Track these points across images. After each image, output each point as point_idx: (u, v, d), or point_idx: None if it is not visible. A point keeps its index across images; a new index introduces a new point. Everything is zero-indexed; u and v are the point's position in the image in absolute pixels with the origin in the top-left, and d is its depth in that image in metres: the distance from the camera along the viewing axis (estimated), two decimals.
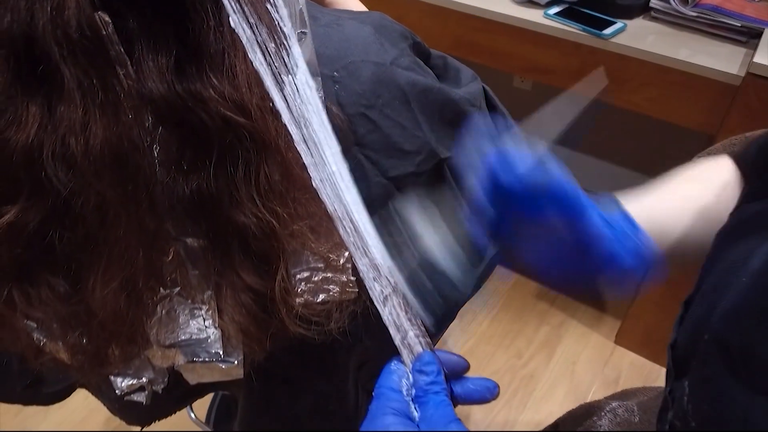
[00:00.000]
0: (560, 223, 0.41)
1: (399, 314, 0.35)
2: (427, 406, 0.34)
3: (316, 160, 0.35)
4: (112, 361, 0.43)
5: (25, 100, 0.35)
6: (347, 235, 0.35)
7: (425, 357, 0.36)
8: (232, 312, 0.44)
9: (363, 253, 0.35)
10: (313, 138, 0.35)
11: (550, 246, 0.43)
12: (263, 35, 0.34)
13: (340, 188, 0.35)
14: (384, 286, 0.35)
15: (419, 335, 0.35)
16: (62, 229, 0.38)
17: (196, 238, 0.43)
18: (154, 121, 0.38)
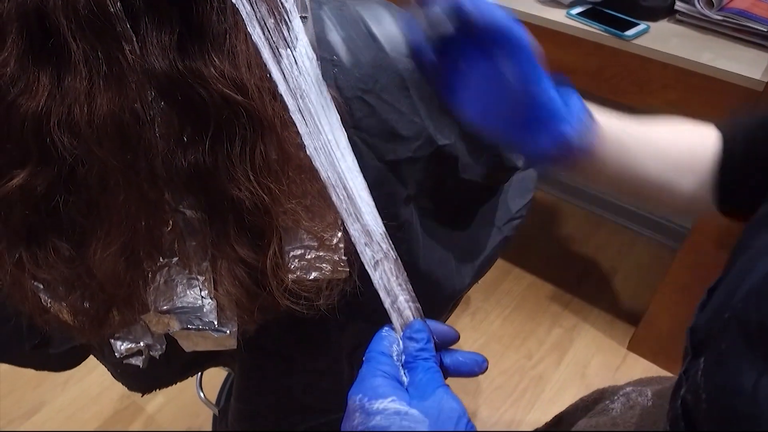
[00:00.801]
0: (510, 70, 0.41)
1: (390, 279, 0.36)
2: (416, 371, 0.35)
3: (310, 129, 0.36)
4: (111, 324, 0.46)
5: (37, 71, 0.37)
6: (340, 201, 0.36)
7: (416, 325, 0.37)
8: (227, 283, 0.46)
9: (355, 219, 0.36)
10: (309, 108, 0.36)
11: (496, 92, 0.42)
12: (262, 11, 0.35)
13: (334, 156, 0.36)
14: (375, 251, 0.36)
15: (409, 300, 0.36)
16: (67, 194, 0.40)
17: (194, 210, 0.45)
18: (156, 96, 0.40)
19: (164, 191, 0.43)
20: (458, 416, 0.33)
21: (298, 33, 0.37)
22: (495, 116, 0.43)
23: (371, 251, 0.36)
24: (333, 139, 0.36)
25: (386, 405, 0.33)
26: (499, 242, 0.70)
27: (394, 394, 0.33)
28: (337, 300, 0.49)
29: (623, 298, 1.79)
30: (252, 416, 0.63)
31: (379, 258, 0.36)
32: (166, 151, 0.41)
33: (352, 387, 0.35)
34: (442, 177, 0.57)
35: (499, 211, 0.70)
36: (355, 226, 0.36)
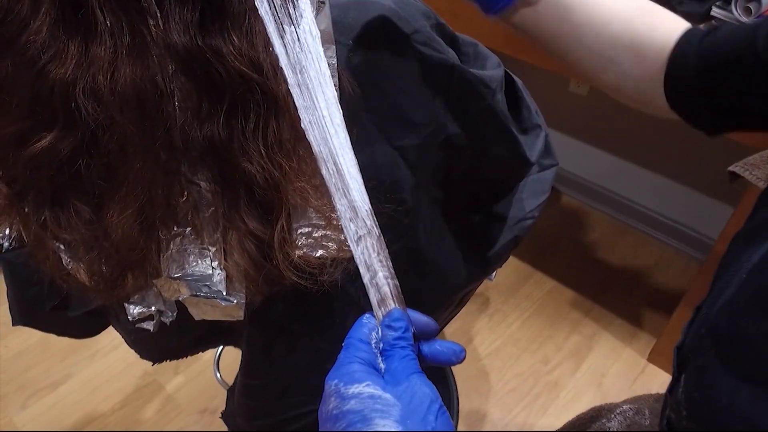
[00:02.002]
0: None
1: (371, 255, 0.37)
2: (393, 359, 0.36)
3: (306, 104, 0.38)
4: (124, 286, 0.48)
5: (66, 40, 0.39)
6: (329, 176, 0.37)
7: (395, 313, 0.37)
8: (236, 255, 0.48)
9: (342, 194, 0.37)
10: (307, 83, 0.38)
11: None
12: None
13: (327, 131, 0.37)
14: (359, 227, 0.37)
15: (388, 277, 0.37)
16: (89, 158, 0.43)
17: (208, 182, 0.47)
18: (176, 69, 0.42)
19: (181, 162, 0.45)
20: (430, 401, 0.33)
21: (304, 11, 0.39)
22: None
23: (355, 226, 0.37)
24: (328, 115, 0.38)
25: (361, 389, 0.34)
26: (509, 240, 0.70)
27: (369, 379, 0.34)
28: (341, 279, 0.50)
29: (646, 308, 1.76)
30: (257, 392, 0.64)
31: (362, 233, 0.37)
32: (183, 123, 0.43)
33: (329, 372, 0.36)
34: (451, 166, 0.58)
35: (512, 210, 0.71)
36: (342, 201, 0.37)
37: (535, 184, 0.72)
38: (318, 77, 0.38)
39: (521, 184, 0.72)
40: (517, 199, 0.71)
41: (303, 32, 0.38)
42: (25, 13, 0.38)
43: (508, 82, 0.66)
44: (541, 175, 0.71)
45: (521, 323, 1.72)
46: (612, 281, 1.85)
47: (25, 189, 0.46)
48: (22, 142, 0.42)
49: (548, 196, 0.71)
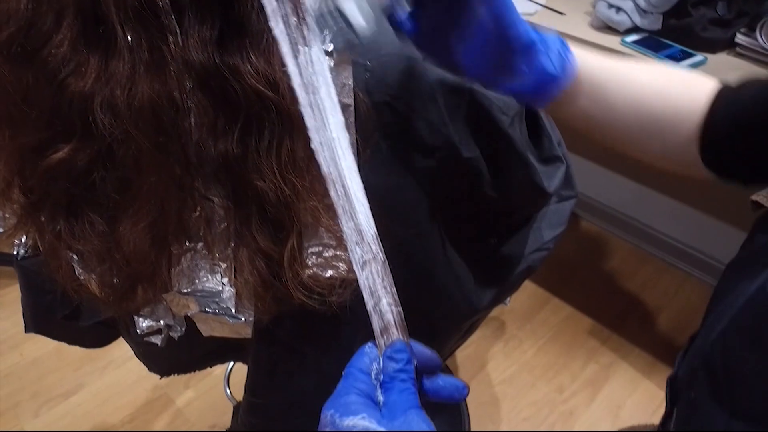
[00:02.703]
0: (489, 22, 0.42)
1: (375, 281, 0.36)
2: (392, 392, 0.35)
3: (317, 125, 0.38)
4: (134, 299, 0.48)
5: (87, 54, 0.40)
6: (338, 197, 0.37)
7: (397, 345, 0.36)
8: (246, 272, 0.48)
9: (350, 217, 0.37)
10: (319, 104, 0.38)
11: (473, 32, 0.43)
12: (287, 9, 0.37)
13: (336, 153, 0.37)
14: (365, 251, 0.37)
15: (392, 304, 0.36)
16: (104, 171, 0.43)
17: (221, 198, 0.47)
18: (194, 86, 0.42)
19: (195, 177, 0.46)
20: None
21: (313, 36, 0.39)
22: (475, 55, 0.45)
23: (361, 251, 0.37)
24: (337, 137, 0.38)
25: (356, 422, 0.33)
26: (522, 271, 0.69)
27: (366, 411, 0.33)
28: (350, 300, 0.50)
29: (667, 339, 1.71)
30: (261, 411, 0.64)
31: (367, 258, 0.36)
32: (198, 139, 0.43)
33: (327, 401, 0.35)
34: (466, 190, 0.57)
35: (528, 240, 0.70)
36: (349, 224, 0.37)
37: (553, 216, 0.71)
38: (328, 99, 0.38)
39: (539, 215, 0.71)
40: (534, 229, 0.69)
41: (315, 54, 0.38)
42: (47, 26, 0.39)
43: (530, 111, 0.65)
44: (560, 206, 0.70)
45: (537, 350, 1.68)
46: (631, 309, 1.81)
47: (41, 199, 0.46)
48: (40, 153, 0.43)
49: (565, 229, 0.70)
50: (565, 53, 0.44)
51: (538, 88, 0.44)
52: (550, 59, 0.43)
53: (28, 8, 0.39)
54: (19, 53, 0.40)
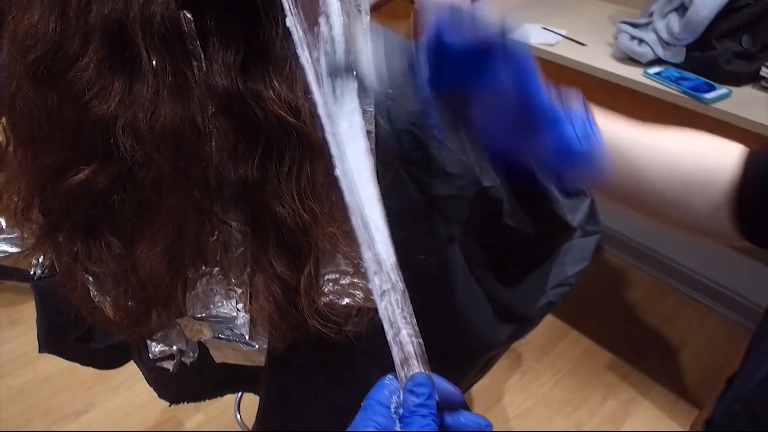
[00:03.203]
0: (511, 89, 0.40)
1: (395, 311, 0.35)
2: (411, 426, 0.33)
3: (340, 154, 0.37)
4: (148, 323, 0.48)
5: (112, 77, 0.40)
6: (357, 227, 0.36)
7: (418, 378, 0.35)
8: (261, 298, 0.47)
9: (368, 247, 0.36)
10: (340, 134, 0.37)
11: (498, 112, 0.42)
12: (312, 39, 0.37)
13: (355, 183, 0.37)
14: (384, 281, 0.36)
15: (412, 335, 0.35)
16: (124, 193, 0.43)
17: (239, 223, 0.46)
18: (216, 111, 0.42)
19: (214, 201, 0.45)
20: None
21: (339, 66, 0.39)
22: (498, 127, 0.43)
23: (379, 280, 0.36)
24: (357, 167, 0.37)
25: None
26: (543, 306, 0.68)
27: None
28: (366, 329, 0.48)
29: (689, 376, 1.66)
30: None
31: (386, 288, 0.36)
32: (218, 163, 0.43)
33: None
34: (486, 220, 0.56)
35: (551, 274, 0.68)
36: (368, 254, 0.36)
37: (577, 250, 0.70)
38: (351, 130, 0.38)
39: (562, 249, 0.69)
40: (557, 264, 0.68)
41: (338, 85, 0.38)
42: (74, 50, 0.39)
43: None
44: (584, 241, 0.69)
45: (554, 383, 1.64)
46: (652, 344, 1.76)
47: (60, 220, 0.46)
48: (62, 174, 0.43)
49: (588, 264, 0.68)
50: (591, 127, 0.42)
51: (562, 163, 0.43)
52: (574, 133, 0.42)
53: (56, 31, 0.39)
54: (45, 75, 0.40)
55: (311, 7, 0.38)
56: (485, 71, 0.41)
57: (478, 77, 0.41)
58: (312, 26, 0.38)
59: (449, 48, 0.40)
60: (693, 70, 1.24)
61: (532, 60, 0.41)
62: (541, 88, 0.41)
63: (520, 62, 0.40)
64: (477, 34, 0.39)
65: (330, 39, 0.38)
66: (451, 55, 0.40)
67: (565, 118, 0.41)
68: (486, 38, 0.39)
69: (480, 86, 0.41)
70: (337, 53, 0.38)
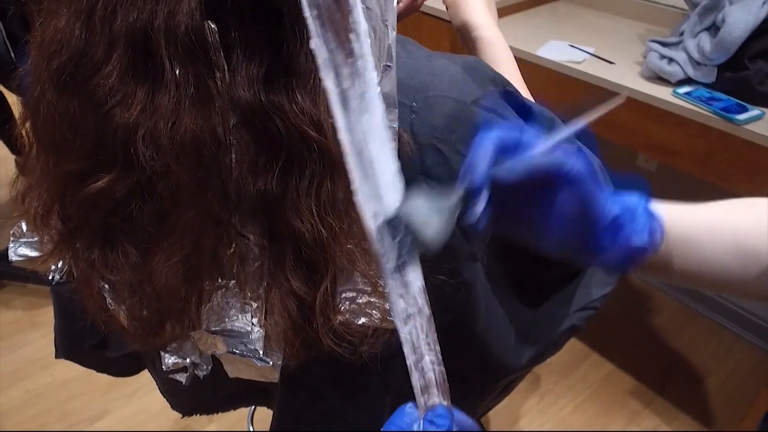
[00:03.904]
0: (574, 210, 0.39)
1: (419, 336, 0.34)
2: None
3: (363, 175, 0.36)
4: (161, 334, 0.47)
5: (134, 86, 0.40)
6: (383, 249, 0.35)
7: (438, 409, 0.35)
8: (276, 314, 0.46)
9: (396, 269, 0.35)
10: (366, 156, 0.36)
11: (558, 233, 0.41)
12: (339, 59, 0.36)
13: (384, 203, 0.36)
14: (410, 305, 0.35)
15: (435, 362, 0.34)
16: (142, 203, 0.42)
17: (257, 236, 0.46)
18: (237, 123, 0.41)
19: (232, 214, 0.45)
20: None
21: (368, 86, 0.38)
22: (553, 235, 0.42)
23: (405, 304, 0.35)
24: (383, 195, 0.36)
25: None
26: (566, 329, 0.65)
27: None
28: (381, 351, 0.47)
29: (715, 405, 1.60)
30: None
31: (412, 312, 0.35)
32: (238, 175, 0.42)
33: None
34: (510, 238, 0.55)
35: (575, 297, 0.66)
36: (395, 275, 0.35)
37: (603, 273, 0.67)
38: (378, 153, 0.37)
39: (587, 271, 0.67)
40: (581, 286, 0.66)
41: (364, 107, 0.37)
42: (98, 57, 0.39)
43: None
44: None
45: (574, 408, 1.60)
46: (677, 371, 1.71)
47: (78, 227, 0.46)
48: (81, 181, 0.43)
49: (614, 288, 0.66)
50: (651, 221, 0.41)
51: (624, 261, 0.41)
52: (636, 231, 0.40)
53: (80, 38, 0.39)
54: (68, 81, 0.40)
55: (342, 24, 0.37)
56: (546, 199, 0.40)
57: (539, 205, 0.40)
58: (343, 43, 0.37)
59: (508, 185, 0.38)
60: (724, 90, 1.21)
61: (593, 172, 0.39)
62: (602, 193, 0.40)
63: (581, 182, 0.39)
64: (535, 164, 0.38)
65: (360, 55, 0.38)
66: (510, 192, 0.39)
67: (624, 216, 0.40)
68: (545, 166, 0.38)
69: (540, 214, 0.41)
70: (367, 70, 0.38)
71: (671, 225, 0.42)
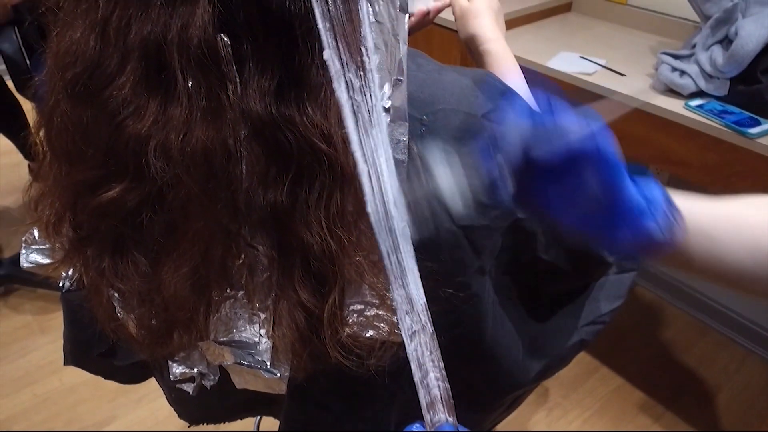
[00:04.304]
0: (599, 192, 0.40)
1: (423, 353, 0.34)
2: None
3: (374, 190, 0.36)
4: (169, 344, 0.47)
5: (147, 98, 0.40)
6: (390, 264, 0.35)
7: (445, 427, 0.34)
8: (284, 325, 0.46)
9: (400, 285, 0.35)
10: (377, 170, 0.37)
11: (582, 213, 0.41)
12: (351, 72, 0.37)
13: (393, 219, 0.36)
14: (414, 321, 0.35)
15: (439, 379, 0.34)
16: (153, 213, 0.43)
17: (266, 247, 0.46)
18: (248, 135, 0.42)
19: (242, 225, 0.45)
20: None
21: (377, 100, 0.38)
22: (575, 219, 0.42)
23: (410, 320, 0.35)
24: (392, 200, 0.36)
25: None
26: (575, 344, 0.65)
27: None
28: (388, 364, 0.47)
29: (725, 420, 1.58)
30: None
31: (416, 329, 0.35)
32: (248, 187, 0.42)
33: None
34: (518, 252, 0.54)
35: (584, 311, 0.66)
36: (400, 291, 0.35)
37: (612, 287, 0.67)
38: (387, 165, 0.37)
39: (597, 285, 0.66)
40: (590, 300, 0.65)
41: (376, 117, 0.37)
42: (112, 68, 0.40)
43: None
44: (620, 278, 0.66)
45: (582, 422, 1.58)
46: (687, 386, 1.68)
47: (89, 235, 0.46)
48: (93, 191, 0.43)
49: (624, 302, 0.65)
50: (673, 213, 0.41)
51: (642, 250, 0.42)
52: (656, 222, 0.40)
53: (95, 50, 0.40)
54: (82, 92, 0.41)
55: (354, 37, 0.38)
56: (573, 179, 0.40)
57: (566, 186, 0.41)
58: (355, 56, 0.37)
59: (537, 163, 0.39)
60: (736, 103, 1.20)
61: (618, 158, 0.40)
62: (628, 186, 0.40)
63: (608, 165, 0.39)
64: (564, 144, 0.39)
65: (371, 70, 0.38)
66: (539, 170, 0.40)
67: (647, 211, 0.40)
68: (574, 147, 0.39)
69: (567, 194, 0.41)
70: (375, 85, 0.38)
71: (692, 217, 0.42)
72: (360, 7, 0.40)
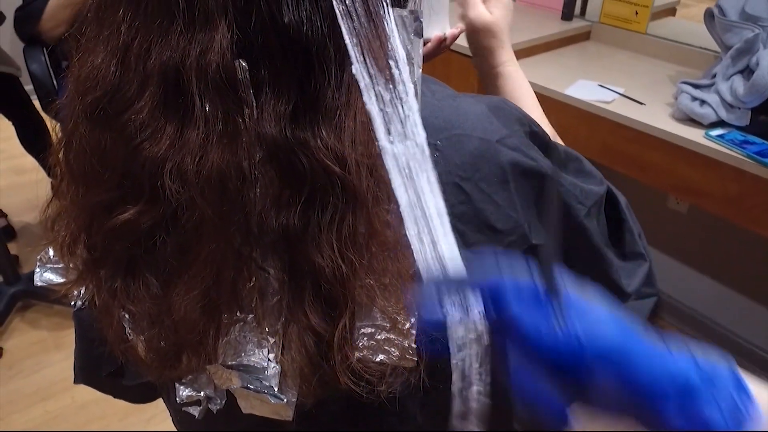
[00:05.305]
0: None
1: (472, 365, 0.33)
2: None
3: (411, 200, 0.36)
4: (177, 367, 0.47)
5: (165, 121, 0.41)
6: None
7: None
8: (294, 350, 0.46)
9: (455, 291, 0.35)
10: (416, 188, 0.37)
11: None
12: (380, 85, 0.37)
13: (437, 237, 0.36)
14: (469, 329, 0.34)
15: (482, 394, 0.33)
16: (166, 235, 0.43)
17: (277, 270, 0.45)
18: (263, 158, 0.42)
19: (254, 248, 0.45)
20: None
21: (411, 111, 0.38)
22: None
23: (464, 329, 0.34)
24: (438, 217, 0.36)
25: None
26: None
27: None
28: (399, 392, 0.46)
29: None
30: None
31: (470, 338, 0.34)
32: (261, 210, 0.43)
33: None
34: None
35: None
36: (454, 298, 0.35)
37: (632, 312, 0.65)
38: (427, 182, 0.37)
39: None
40: None
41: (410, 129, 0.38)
42: (131, 93, 0.40)
43: (609, 200, 0.61)
44: (638, 304, 0.65)
45: None
46: None
47: (103, 256, 0.46)
48: (108, 212, 0.44)
49: None
50: (743, 400, 0.31)
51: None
52: (719, 409, 0.31)
53: (115, 75, 0.40)
54: (101, 116, 0.41)
55: (382, 51, 0.38)
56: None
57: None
58: (383, 70, 0.38)
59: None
60: (758, 133, 1.19)
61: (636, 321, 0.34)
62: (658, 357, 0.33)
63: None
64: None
65: (400, 81, 0.38)
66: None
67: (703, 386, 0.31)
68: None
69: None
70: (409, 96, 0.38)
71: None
72: (387, 23, 0.40)
